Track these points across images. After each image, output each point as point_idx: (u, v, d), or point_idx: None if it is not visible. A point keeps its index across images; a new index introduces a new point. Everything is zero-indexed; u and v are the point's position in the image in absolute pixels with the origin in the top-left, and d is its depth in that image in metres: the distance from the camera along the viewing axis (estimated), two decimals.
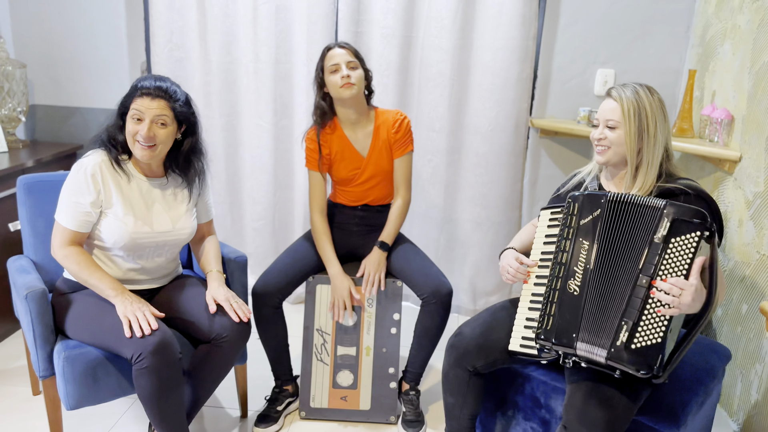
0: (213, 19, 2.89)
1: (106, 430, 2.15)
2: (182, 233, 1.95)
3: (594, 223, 1.63)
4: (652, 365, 1.48)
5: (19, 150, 2.92)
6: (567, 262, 1.64)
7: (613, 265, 1.57)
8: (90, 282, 1.80)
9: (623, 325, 1.51)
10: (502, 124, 2.86)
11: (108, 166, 1.84)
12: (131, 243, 1.85)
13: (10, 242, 2.61)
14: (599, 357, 1.53)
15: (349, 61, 2.11)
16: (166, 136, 1.82)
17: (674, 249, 1.50)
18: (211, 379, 1.89)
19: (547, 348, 1.65)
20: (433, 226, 3.08)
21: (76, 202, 1.80)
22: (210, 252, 2.04)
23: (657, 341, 1.48)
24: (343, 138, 2.21)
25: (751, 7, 2.25)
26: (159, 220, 1.90)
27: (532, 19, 2.75)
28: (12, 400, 2.29)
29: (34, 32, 3.08)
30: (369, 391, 2.24)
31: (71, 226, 1.80)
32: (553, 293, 1.64)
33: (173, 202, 1.95)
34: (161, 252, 1.94)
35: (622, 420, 1.55)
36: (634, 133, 1.66)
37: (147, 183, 1.90)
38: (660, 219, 1.52)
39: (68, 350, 1.78)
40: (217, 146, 3.06)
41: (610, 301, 1.55)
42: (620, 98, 1.67)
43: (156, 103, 1.79)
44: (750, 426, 2.10)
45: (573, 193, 1.70)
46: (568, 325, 1.59)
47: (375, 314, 2.22)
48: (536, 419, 1.90)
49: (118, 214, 1.83)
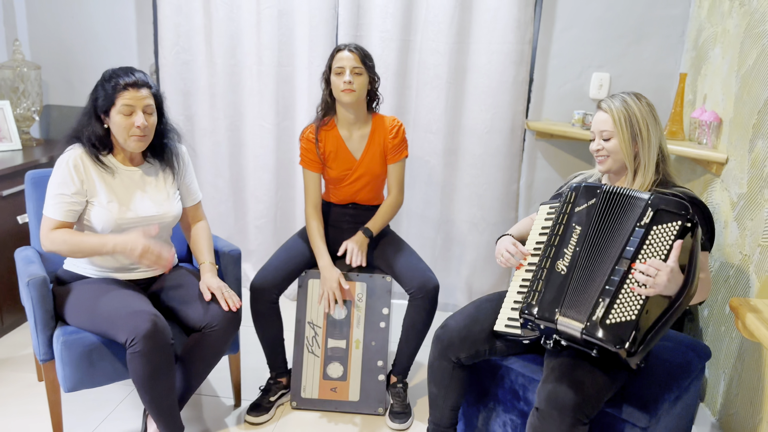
0: (218, 23, 2.99)
1: (104, 415, 2.24)
2: (167, 216, 2.02)
3: (588, 211, 1.71)
4: (624, 340, 1.54)
5: (33, 147, 3.05)
6: (558, 244, 1.72)
7: (599, 248, 1.65)
8: (83, 249, 1.86)
9: (600, 302, 1.59)
10: (497, 127, 2.91)
11: (88, 158, 1.90)
12: (118, 229, 1.92)
13: (21, 235, 2.73)
14: (575, 331, 1.59)
15: (355, 66, 2.18)
16: (153, 124, 1.91)
17: (655, 235, 1.58)
18: (202, 366, 1.97)
19: (530, 323, 1.71)
20: (429, 226, 3.14)
21: (60, 194, 1.87)
22: (201, 242, 2.11)
23: (631, 318, 1.54)
24: (338, 138, 2.29)
25: (739, 11, 2.29)
26: (143, 205, 1.97)
27: (527, 23, 2.80)
28: (18, 385, 2.39)
29: (48, 36, 3.22)
30: (358, 382, 2.30)
31: (57, 216, 1.87)
32: (542, 272, 1.72)
33: (155, 187, 2.01)
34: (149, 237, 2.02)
35: (592, 404, 1.60)
36: (628, 139, 1.75)
37: (128, 172, 1.97)
38: (645, 208, 1.61)
39: (66, 335, 1.88)
40: (222, 146, 3.16)
41: (592, 281, 1.63)
42: (610, 109, 1.77)
43: (143, 92, 1.86)
44: (729, 423, 2.12)
45: (572, 184, 1.79)
46: (552, 301, 1.66)
47: (364, 308, 2.28)
48: (515, 411, 1.95)
49: (102, 202, 1.90)
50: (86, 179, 1.90)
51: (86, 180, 1.90)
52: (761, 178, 2.02)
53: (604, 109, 1.79)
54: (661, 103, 2.87)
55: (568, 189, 1.78)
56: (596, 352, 1.62)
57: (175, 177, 2.06)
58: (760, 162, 2.03)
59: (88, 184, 1.90)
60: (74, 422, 2.19)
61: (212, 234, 2.24)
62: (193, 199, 2.15)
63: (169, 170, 2.05)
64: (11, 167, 2.67)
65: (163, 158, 2.03)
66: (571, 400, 1.59)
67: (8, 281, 2.71)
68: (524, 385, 1.90)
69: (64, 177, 1.87)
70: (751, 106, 2.12)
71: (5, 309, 2.72)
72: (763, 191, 2.00)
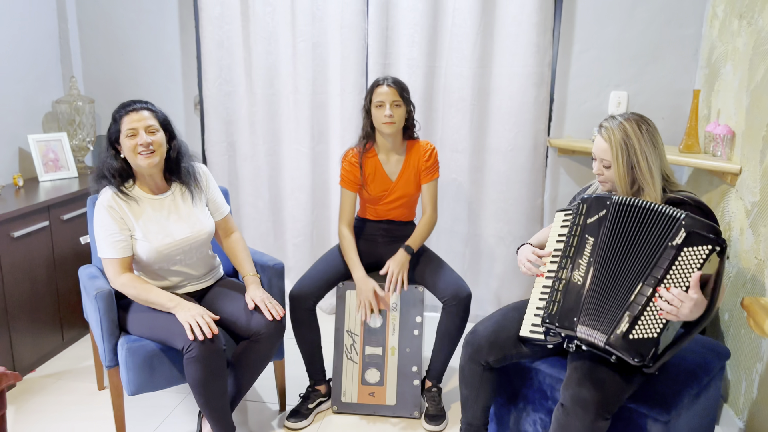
0: (257, 56, 3.22)
1: (161, 419, 2.43)
2: (202, 234, 2.20)
3: (599, 222, 1.82)
4: (645, 356, 1.65)
5: (87, 175, 3.29)
6: (573, 255, 1.84)
7: (617, 261, 1.74)
8: (150, 301, 2.06)
9: (625, 317, 1.68)
10: (520, 144, 3.07)
11: (118, 196, 2.09)
12: (160, 256, 2.11)
13: (83, 255, 2.96)
14: (598, 341, 1.72)
15: (394, 100, 2.36)
16: (160, 141, 2.09)
17: (685, 257, 1.63)
18: (251, 370, 2.14)
19: (552, 331, 1.84)
20: (458, 240, 3.29)
21: (108, 234, 2.06)
22: (239, 254, 2.30)
23: (652, 336, 1.65)
24: (376, 162, 2.47)
25: (747, 30, 2.42)
26: (177, 228, 2.15)
27: (546, 47, 2.97)
28: (80, 393, 2.60)
29: (101, 71, 3.48)
30: (395, 387, 2.45)
31: (115, 255, 2.07)
32: (560, 282, 1.84)
33: (185, 209, 2.19)
34: (191, 254, 2.20)
35: (613, 402, 1.72)
36: (624, 170, 1.82)
37: (156, 200, 2.16)
38: (678, 228, 1.65)
39: (129, 343, 2.07)
40: (261, 170, 3.37)
41: (614, 293, 1.72)
42: (609, 139, 1.82)
43: (140, 114, 2.06)
44: (753, 423, 2.21)
45: (582, 196, 1.91)
46: (570, 310, 1.78)
47: (399, 317, 2.44)
48: (544, 410, 2.07)
49: (140, 236, 2.09)
50: (124, 216, 2.09)
51: (124, 217, 2.09)
52: None
53: (605, 138, 1.83)
54: (677, 118, 3.01)
55: (580, 200, 1.89)
56: (615, 359, 1.74)
57: (201, 195, 2.24)
58: None
59: (126, 221, 2.09)
60: (135, 426, 2.38)
61: (256, 250, 2.42)
62: (220, 213, 2.32)
63: (193, 190, 2.22)
64: (70, 193, 2.91)
65: (182, 180, 2.20)
66: (593, 398, 1.71)
67: (69, 298, 2.93)
68: (551, 385, 2.03)
69: (104, 220, 2.07)
70: (761, 119, 2.24)
71: (66, 324, 2.94)
72: None
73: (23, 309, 2.67)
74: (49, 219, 2.78)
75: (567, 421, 1.76)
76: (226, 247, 2.34)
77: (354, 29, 3.08)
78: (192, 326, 1.95)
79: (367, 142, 2.47)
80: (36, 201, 2.72)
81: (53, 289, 2.84)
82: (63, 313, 2.91)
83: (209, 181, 2.29)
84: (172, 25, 3.35)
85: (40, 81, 3.26)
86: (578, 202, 1.90)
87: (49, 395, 2.58)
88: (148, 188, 2.16)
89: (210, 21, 3.19)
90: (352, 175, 2.47)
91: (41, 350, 2.80)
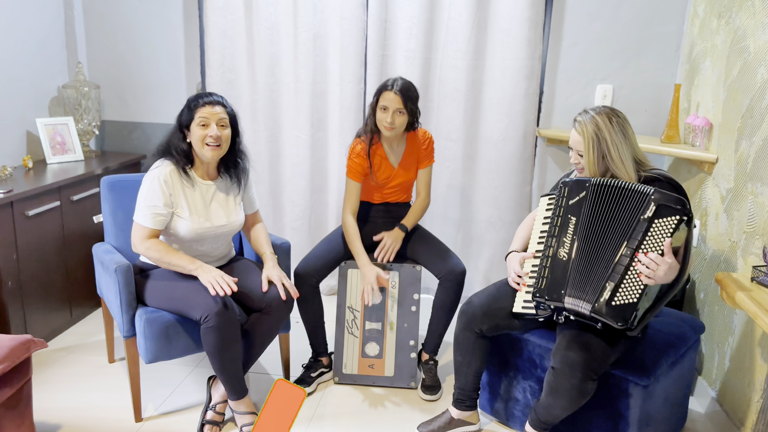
0: (260, 45, 3.34)
1: (172, 388, 2.56)
2: (235, 224, 2.36)
3: (580, 203, 1.99)
4: (627, 319, 1.83)
5: (92, 159, 3.39)
6: (557, 234, 2.01)
7: (597, 236, 1.92)
8: (173, 263, 2.18)
9: (607, 286, 1.86)
10: (511, 134, 3.23)
11: (175, 174, 2.23)
12: (196, 236, 2.26)
13: (92, 234, 3.07)
14: (584, 309, 1.89)
15: (398, 108, 2.46)
16: (227, 137, 2.24)
17: (656, 228, 1.82)
18: (261, 339, 2.28)
19: (542, 304, 2.01)
20: (451, 225, 3.45)
21: (152, 205, 2.19)
22: (261, 237, 2.45)
23: (633, 301, 1.82)
24: (382, 153, 2.61)
25: (725, 29, 2.60)
26: (216, 215, 2.30)
27: (537, 42, 3.13)
28: (91, 366, 2.72)
29: (106, 58, 3.58)
30: (393, 360, 2.60)
31: (149, 224, 2.19)
32: (547, 260, 2.01)
33: (226, 199, 2.34)
34: (219, 240, 2.35)
35: (599, 362, 1.89)
36: (596, 159, 1.98)
37: (206, 185, 2.30)
38: (648, 202, 1.84)
39: (147, 314, 2.20)
40: (262, 156, 3.49)
41: (596, 265, 1.90)
42: (582, 132, 1.98)
43: (217, 108, 2.21)
44: (724, 391, 2.41)
45: (564, 179, 2.08)
46: (557, 284, 1.95)
47: (397, 295, 2.59)
48: (534, 378, 2.25)
49: (185, 214, 2.23)
50: (174, 193, 2.22)
51: (174, 194, 2.22)
52: (745, 174, 2.32)
53: (578, 131, 1.99)
54: (659, 111, 3.19)
55: (561, 184, 2.06)
56: (600, 326, 1.91)
57: (240, 191, 2.39)
58: (744, 160, 2.33)
59: (175, 197, 2.22)
60: (147, 395, 2.51)
61: None
62: (253, 208, 2.49)
63: (237, 185, 2.37)
64: (79, 175, 3.01)
65: (233, 174, 2.35)
66: (580, 359, 1.88)
67: (77, 276, 3.04)
68: (541, 355, 2.20)
69: (155, 190, 2.19)
70: (736, 112, 2.42)
71: (74, 301, 3.05)
72: (747, 185, 2.30)
73: (36, 285, 2.78)
74: (60, 199, 2.89)
75: (557, 383, 1.93)
76: (251, 234, 2.49)
77: (354, 21, 3.21)
78: (213, 285, 2.09)
79: (373, 136, 2.59)
80: (46, 182, 2.83)
81: (63, 267, 2.95)
82: (72, 290, 3.03)
83: (250, 180, 2.44)
84: (177, 13, 3.46)
85: (47, 66, 3.35)
86: (560, 185, 2.07)
87: (61, 368, 2.70)
88: (200, 173, 2.30)
89: (214, 10, 3.30)
90: (361, 167, 2.58)
91: (51, 325, 2.92)
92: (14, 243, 2.63)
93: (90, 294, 3.16)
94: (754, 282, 1.90)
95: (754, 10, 2.34)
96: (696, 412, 2.49)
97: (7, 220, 2.59)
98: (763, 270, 1.90)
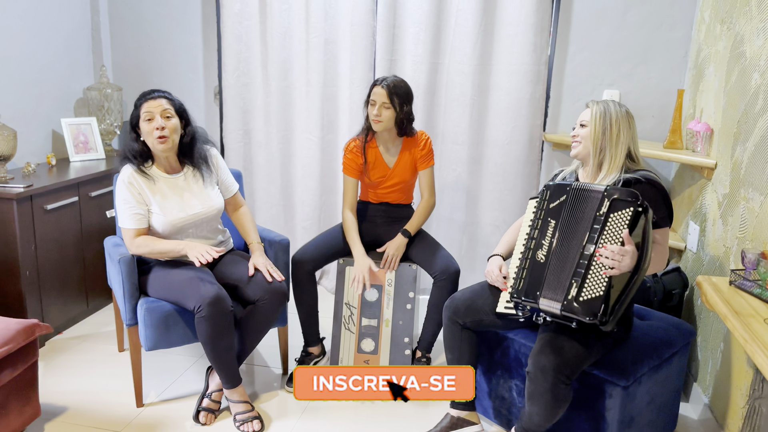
0: (273, 50, 3.45)
1: (174, 377, 2.67)
2: (212, 210, 2.43)
3: (560, 207, 2.03)
4: (596, 313, 1.85)
5: (113, 157, 3.55)
6: (537, 237, 2.04)
7: (569, 238, 1.96)
8: (162, 250, 2.31)
9: (573, 283, 1.89)
10: (517, 138, 3.26)
11: (137, 174, 2.32)
12: (174, 228, 2.35)
13: (108, 228, 3.22)
14: (555, 309, 1.92)
15: (383, 102, 2.55)
16: (174, 127, 2.31)
17: (613, 221, 1.88)
18: (255, 332, 2.37)
19: (519, 305, 2.04)
20: (456, 228, 3.49)
21: (129, 207, 2.30)
22: (245, 225, 2.54)
23: (599, 294, 1.85)
24: (377, 151, 2.68)
25: (727, 34, 2.59)
26: (190, 204, 2.38)
27: (543, 47, 3.16)
28: (102, 354, 2.86)
29: (129, 61, 3.75)
30: (387, 356, 2.66)
31: (132, 225, 2.31)
32: (526, 262, 2.05)
33: (196, 187, 2.41)
34: (201, 228, 2.43)
35: (571, 367, 1.91)
36: (598, 131, 2.05)
37: (171, 178, 2.38)
38: (603, 199, 1.91)
39: (148, 303, 2.31)
40: (274, 157, 3.60)
41: (565, 266, 1.94)
42: (592, 107, 2.09)
43: (158, 101, 2.29)
44: (716, 397, 2.39)
45: (547, 183, 2.11)
46: (535, 285, 1.99)
47: (393, 292, 2.65)
48: (519, 377, 2.28)
49: (157, 210, 2.33)
50: (141, 191, 2.32)
51: (141, 192, 2.32)
52: (739, 179, 2.31)
53: (589, 106, 2.10)
54: (666, 117, 3.17)
55: (544, 187, 2.10)
56: (575, 324, 1.93)
57: (212, 176, 2.46)
58: (738, 165, 2.32)
59: (144, 195, 2.32)
60: (150, 382, 2.62)
61: (265, 228, 2.66)
62: (230, 192, 2.55)
63: (208, 170, 2.45)
64: (98, 173, 3.16)
65: (193, 162, 2.42)
66: (551, 363, 1.91)
67: (94, 268, 3.19)
68: (526, 354, 2.23)
69: (123, 193, 2.31)
70: (733, 117, 2.41)
71: (91, 292, 3.20)
72: (740, 191, 2.29)
73: (53, 276, 2.94)
74: (78, 195, 3.04)
75: (532, 388, 1.96)
76: (235, 220, 2.57)
77: (363, 26, 3.30)
78: (199, 258, 2.20)
79: (368, 133, 2.68)
80: (67, 178, 2.98)
81: (80, 259, 3.10)
82: (88, 282, 3.18)
83: (219, 164, 2.51)
84: (195, 19, 3.60)
85: (73, 69, 3.53)
86: (542, 189, 2.12)
87: (73, 354, 2.84)
88: (163, 168, 2.39)
89: (230, 17, 3.43)
90: (354, 163, 2.68)
91: (68, 314, 3.07)
92: (33, 235, 2.79)
93: (106, 286, 3.31)
94: (732, 286, 1.90)
95: (750, 15, 2.34)
96: (689, 419, 2.48)
97: (26, 213, 2.75)
98: (740, 274, 1.90)
